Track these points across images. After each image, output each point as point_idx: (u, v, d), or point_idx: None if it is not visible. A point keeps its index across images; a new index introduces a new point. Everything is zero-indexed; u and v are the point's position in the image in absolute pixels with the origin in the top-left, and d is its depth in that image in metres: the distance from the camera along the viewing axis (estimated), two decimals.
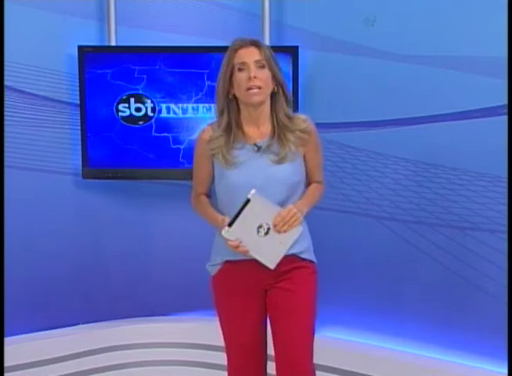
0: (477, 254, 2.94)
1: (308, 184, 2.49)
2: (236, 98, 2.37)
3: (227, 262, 2.43)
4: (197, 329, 3.47)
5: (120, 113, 3.34)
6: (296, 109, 3.24)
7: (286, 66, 3.23)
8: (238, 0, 3.40)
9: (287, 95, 2.39)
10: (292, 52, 3.23)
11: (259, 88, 2.31)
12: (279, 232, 2.28)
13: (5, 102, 3.19)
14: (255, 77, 2.30)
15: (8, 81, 3.21)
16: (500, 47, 2.72)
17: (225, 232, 2.28)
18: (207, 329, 3.46)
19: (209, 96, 3.32)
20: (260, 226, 2.28)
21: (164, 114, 3.36)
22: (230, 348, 2.51)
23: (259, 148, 2.36)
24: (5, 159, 3.13)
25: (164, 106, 3.35)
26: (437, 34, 2.96)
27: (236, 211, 2.26)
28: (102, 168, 3.38)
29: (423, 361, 3.02)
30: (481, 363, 2.94)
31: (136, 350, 3.46)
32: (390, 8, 3.07)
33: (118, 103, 3.34)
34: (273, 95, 2.38)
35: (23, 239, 3.31)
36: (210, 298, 3.59)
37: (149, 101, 3.34)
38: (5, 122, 3.20)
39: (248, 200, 2.24)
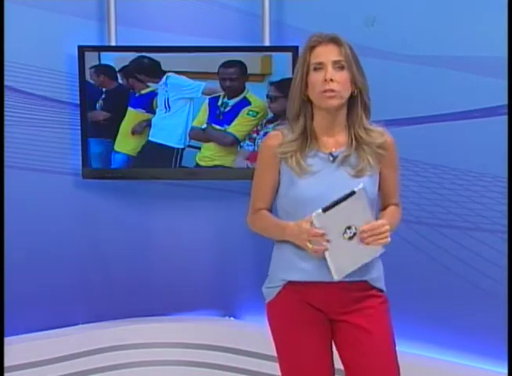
0: (477, 254, 2.94)
1: (383, 206, 2.24)
2: (310, 101, 2.12)
3: (289, 283, 2.14)
4: (197, 329, 3.47)
5: None
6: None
7: (286, 66, 3.24)
8: (238, 0, 3.40)
9: (366, 102, 2.14)
10: (292, 52, 3.22)
11: (335, 91, 2.06)
12: (362, 241, 2.01)
13: (5, 102, 3.19)
14: (331, 80, 2.05)
15: (8, 81, 3.21)
16: (500, 47, 2.72)
17: (317, 214, 1.97)
18: (207, 329, 3.47)
19: None
20: (349, 227, 2.01)
21: None
22: None
23: (334, 158, 2.12)
24: (5, 159, 3.12)
25: None
26: (437, 34, 2.96)
27: (336, 199, 1.98)
28: (102, 168, 3.38)
29: (423, 361, 3.02)
30: (481, 363, 2.94)
31: (136, 350, 3.46)
32: (390, 8, 3.07)
33: None
34: (351, 100, 2.13)
35: (23, 239, 3.31)
36: (210, 298, 3.62)
37: None
38: (5, 122, 3.20)
39: (353, 193, 1.97)
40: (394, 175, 2.21)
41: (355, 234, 2.01)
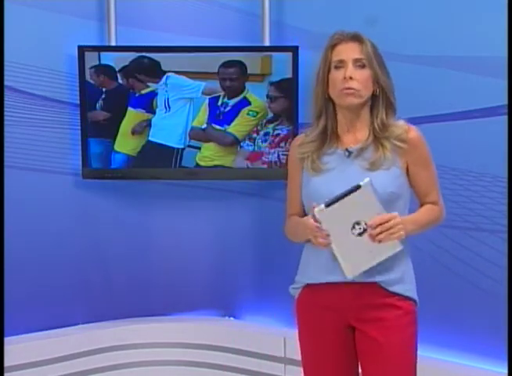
0: (477, 254, 2.94)
1: (420, 205, 2.17)
2: (332, 100, 2.10)
3: (307, 285, 2.14)
4: (197, 329, 3.47)
5: None
6: (296, 109, 3.25)
7: (286, 66, 3.24)
8: (238, 0, 3.40)
9: (390, 99, 2.10)
10: (292, 52, 3.23)
11: (354, 90, 2.04)
12: (373, 237, 1.95)
13: (5, 102, 3.19)
14: (351, 78, 2.03)
15: (8, 81, 3.21)
16: (500, 47, 2.72)
17: (319, 210, 1.92)
18: (207, 329, 3.47)
19: None
20: (357, 223, 1.94)
21: None
22: None
23: (350, 153, 2.08)
24: (5, 159, 3.12)
25: None
26: (437, 34, 2.96)
27: (340, 194, 1.92)
28: (102, 168, 3.38)
29: (424, 361, 3.01)
30: (481, 363, 2.94)
31: (136, 350, 3.46)
32: (390, 8, 3.07)
33: None
34: (374, 98, 2.09)
35: (23, 239, 3.31)
36: (210, 298, 3.62)
37: None
38: (5, 122, 3.19)
39: (358, 187, 1.92)
40: (425, 173, 2.13)
41: (365, 230, 1.94)
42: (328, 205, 1.92)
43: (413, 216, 2.11)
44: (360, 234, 1.94)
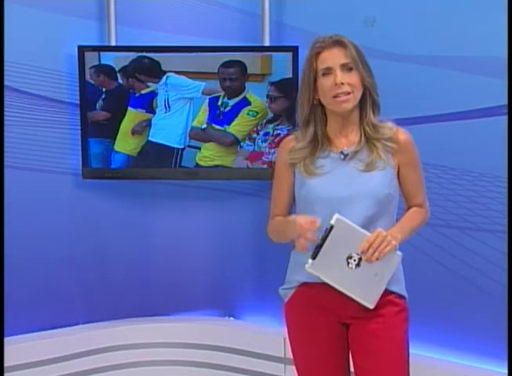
0: (477, 254, 2.95)
1: (407, 207, 2.20)
2: (321, 104, 2.10)
3: (303, 284, 2.12)
4: (198, 329, 3.47)
5: None
6: (296, 109, 3.25)
7: (286, 66, 3.24)
8: (238, 0, 3.40)
9: (375, 100, 2.12)
10: (292, 52, 3.23)
11: (348, 93, 2.05)
12: (369, 261, 1.98)
13: (5, 102, 3.19)
14: (342, 84, 2.03)
15: (8, 81, 3.21)
16: (500, 47, 2.72)
17: (309, 266, 1.96)
18: (207, 329, 3.47)
19: None
20: (350, 257, 1.97)
21: None
22: None
23: (345, 156, 2.10)
24: (5, 159, 3.12)
25: None
26: (437, 34, 2.96)
27: (319, 241, 1.95)
28: (102, 168, 3.38)
29: (423, 361, 3.02)
30: (481, 363, 2.94)
31: (136, 350, 3.46)
32: (390, 8, 3.07)
33: None
34: (362, 99, 2.10)
35: (23, 239, 3.31)
36: (210, 298, 3.62)
37: None
38: (5, 122, 3.20)
39: (331, 227, 1.94)
40: (414, 175, 2.16)
41: (360, 259, 1.98)
42: (314, 257, 1.95)
43: (400, 224, 2.14)
44: (358, 265, 1.98)
